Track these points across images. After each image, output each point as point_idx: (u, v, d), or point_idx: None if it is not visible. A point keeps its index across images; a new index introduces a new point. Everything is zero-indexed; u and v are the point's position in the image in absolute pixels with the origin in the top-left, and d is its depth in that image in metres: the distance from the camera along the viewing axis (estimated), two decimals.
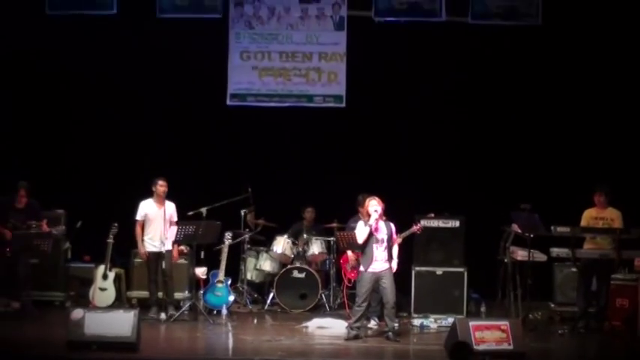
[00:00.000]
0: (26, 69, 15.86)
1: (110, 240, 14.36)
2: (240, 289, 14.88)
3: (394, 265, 12.55)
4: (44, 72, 15.88)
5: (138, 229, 13.83)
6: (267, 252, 15.08)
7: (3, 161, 15.09)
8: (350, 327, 12.51)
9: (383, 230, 12.48)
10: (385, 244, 12.45)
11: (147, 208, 13.81)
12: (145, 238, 13.81)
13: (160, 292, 13.91)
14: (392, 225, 12.61)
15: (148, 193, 13.89)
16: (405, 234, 12.96)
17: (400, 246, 12.85)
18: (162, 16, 15.61)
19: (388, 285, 12.35)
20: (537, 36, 15.49)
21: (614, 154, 15.28)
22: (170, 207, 13.86)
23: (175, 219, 13.83)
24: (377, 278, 12.37)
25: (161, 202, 13.81)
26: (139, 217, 13.82)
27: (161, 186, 13.73)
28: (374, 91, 15.97)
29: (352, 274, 13.97)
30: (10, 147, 15.70)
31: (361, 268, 12.57)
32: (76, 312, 11.28)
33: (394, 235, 12.59)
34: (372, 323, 13.19)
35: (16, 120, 15.90)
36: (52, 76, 15.93)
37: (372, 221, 12.42)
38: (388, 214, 12.63)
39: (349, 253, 13.82)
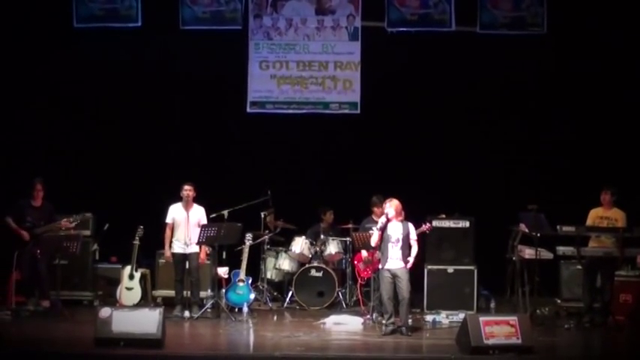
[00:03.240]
0: (55, 78, 16.00)
1: (136, 242, 14.54)
2: (261, 287, 15.03)
3: (410, 261, 12.67)
4: (72, 80, 16.04)
5: (167, 232, 13.98)
6: (286, 252, 15.21)
7: (32, 166, 15.18)
8: (385, 324, 12.64)
9: (398, 230, 12.64)
10: (400, 243, 12.58)
11: (174, 211, 13.98)
12: (173, 240, 13.96)
13: (186, 292, 13.96)
14: (410, 225, 12.76)
15: (173, 197, 14.03)
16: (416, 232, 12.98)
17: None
18: (185, 28, 15.81)
19: (403, 282, 12.50)
20: (543, 44, 15.61)
21: (617, 158, 15.37)
22: (199, 211, 14.00)
23: (204, 222, 13.92)
24: (393, 275, 12.54)
25: (188, 206, 13.96)
26: (167, 220, 13.97)
27: (185, 190, 13.90)
28: (387, 98, 16.10)
29: (365, 273, 14.26)
30: (40, 153, 15.87)
31: (379, 266, 12.78)
32: (103, 310, 11.45)
33: (411, 235, 12.70)
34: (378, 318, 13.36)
35: (45, 126, 16.00)
36: (82, 85, 16.08)
37: (379, 224, 12.69)
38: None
39: (363, 252, 14.11)
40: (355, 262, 14.64)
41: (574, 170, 15.62)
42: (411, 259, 12.69)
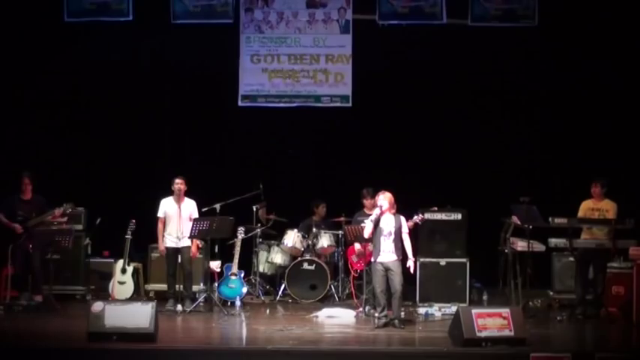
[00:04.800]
0: (45, 73, 15.94)
1: (128, 236, 14.60)
2: (253, 281, 15.06)
3: (410, 264, 12.62)
4: (63, 75, 15.98)
5: (160, 226, 14.01)
6: (278, 245, 15.24)
7: (24, 161, 15.16)
8: (378, 317, 12.62)
9: (391, 223, 12.63)
10: (393, 236, 12.56)
11: (166, 205, 14.01)
12: (165, 233, 13.98)
13: (179, 286, 14.02)
14: (402, 218, 12.73)
15: (166, 191, 14.03)
16: (407, 223, 12.92)
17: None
18: (177, 22, 15.75)
19: (396, 275, 12.48)
20: (534, 36, 15.62)
21: (609, 150, 15.37)
22: (190, 205, 14.05)
23: (195, 216, 13.95)
24: (386, 268, 12.52)
25: (179, 200, 13.98)
26: (159, 214, 13.99)
27: (177, 184, 13.90)
28: (378, 91, 16.09)
29: (358, 265, 14.28)
30: (31, 148, 15.80)
31: (372, 259, 12.77)
32: (96, 305, 11.40)
33: (403, 228, 12.68)
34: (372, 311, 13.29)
35: (36, 121, 15.96)
36: (73, 79, 16.04)
37: (372, 217, 12.66)
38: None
39: (356, 244, 14.13)
40: (348, 255, 14.63)
41: (566, 162, 15.66)
42: (410, 256, 12.64)
